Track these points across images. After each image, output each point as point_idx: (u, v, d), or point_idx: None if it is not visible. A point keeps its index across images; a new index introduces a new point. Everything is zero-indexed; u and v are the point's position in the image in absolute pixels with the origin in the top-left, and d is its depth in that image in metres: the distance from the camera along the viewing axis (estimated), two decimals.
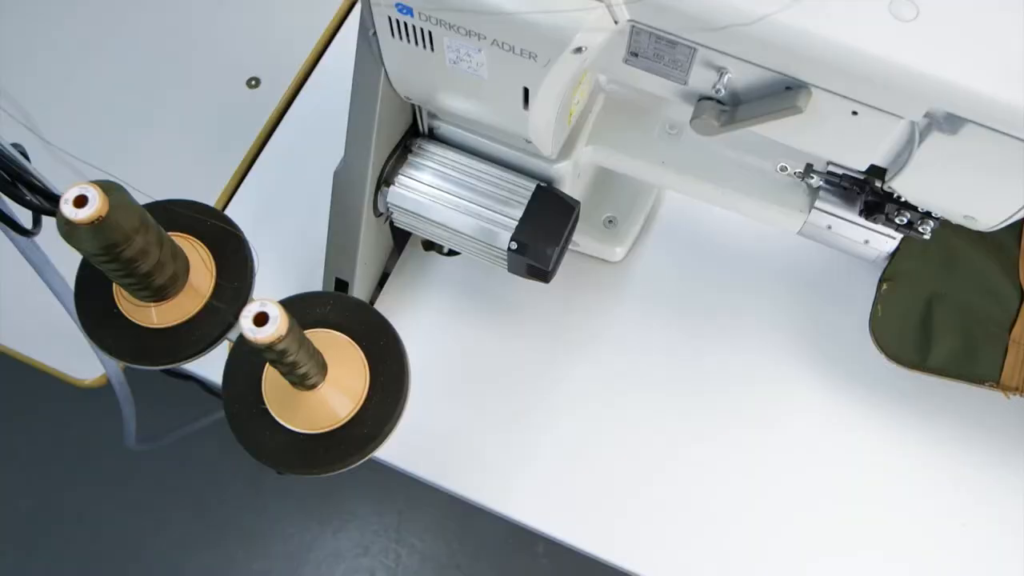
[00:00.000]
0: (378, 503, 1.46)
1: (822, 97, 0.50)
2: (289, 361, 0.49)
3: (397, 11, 0.54)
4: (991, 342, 0.71)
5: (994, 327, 0.71)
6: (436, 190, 0.71)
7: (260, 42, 0.94)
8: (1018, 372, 0.71)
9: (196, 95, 0.91)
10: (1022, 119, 0.46)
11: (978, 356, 0.71)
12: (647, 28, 0.51)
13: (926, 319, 0.73)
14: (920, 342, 0.73)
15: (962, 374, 0.72)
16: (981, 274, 0.72)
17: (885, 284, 0.74)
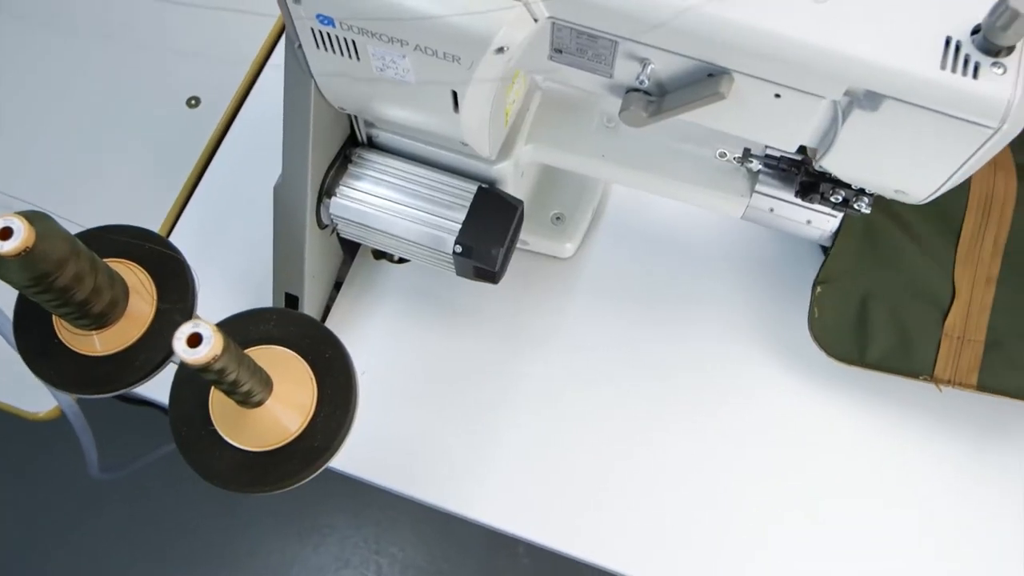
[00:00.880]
0: (355, 515, 1.45)
1: (744, 82, 0.51)
2: (229, 380, 0.49)
3: (319, 22, 0.54)
4: (925, 337, 0.73)
5: (928, 323, 0.73)
6: (378, 199, 0.71)
7: (198, 60, 0.94)
8: (951, 365, 0.72)
9: (135, 118, 0.91)
10: (938, 92, 0.47)
11: (913, 351, 0.73)
12: (567, 24, 0.51)
13: (862, 317, 0.74)
14: (858, 339, 0.74)
15: (898, 368, 0.73)
16: (915, 273, 0.74)
17: (819, 287, 0.75)
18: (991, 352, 0.71)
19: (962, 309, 0.73)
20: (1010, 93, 0.46)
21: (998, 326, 0.72)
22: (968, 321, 0.72)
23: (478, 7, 0.49)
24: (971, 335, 0.72)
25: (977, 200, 0.74)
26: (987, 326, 0.72)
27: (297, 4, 0.53)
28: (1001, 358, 0.71)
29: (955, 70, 0.46)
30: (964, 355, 0.72)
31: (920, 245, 0.74)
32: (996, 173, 0.74)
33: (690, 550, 0.73)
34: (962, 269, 0.73)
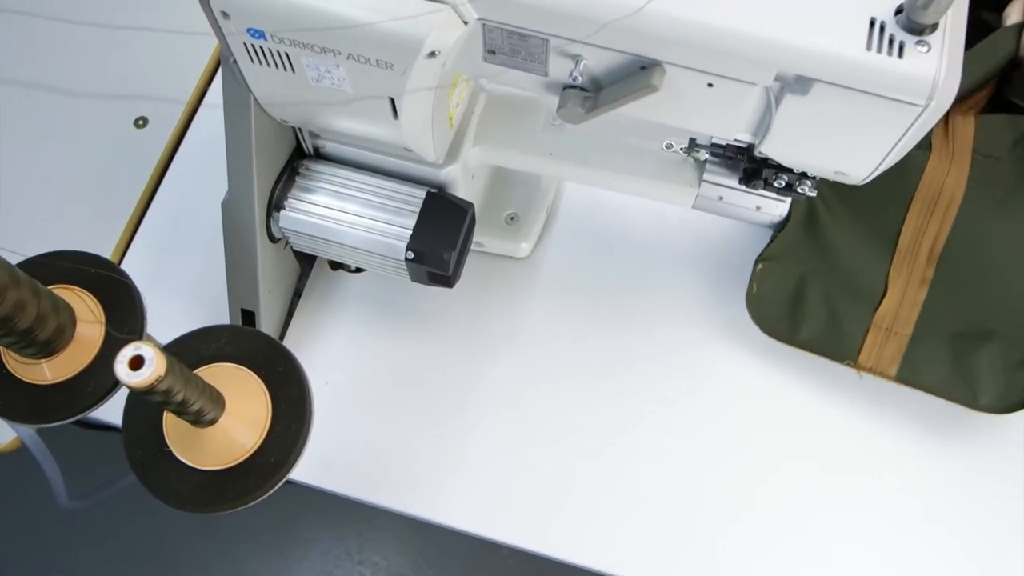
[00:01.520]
0: (337, 527, 1.45)
1: (676, 73, 0.51)
2: (177, 400, 0.48)
3: (250, 36, 0.54)
4: (855, 324, 0.74)
5: (859, 311, 0.74)
6: (328, 209, 0.70)
7: (144, 80, 0.93)
8: (875, 354, 0.73)
9: (81, 141, 0.90)
10: (865, 73, 0.47)
11: (842, 335, 0.74)
12: (497, 25, 0.51)
13: (798, 297, 0.75)
14: (791, 318, 0.75)
15: (825, 350, 0.75)
16: (851, 267, 0.75)
17: (761, 264, 0.76)
18: (914, 347, 0.73)
19: (893, 304, 0.74)
20: (935, 70, 0.47)
21: (925, 324, 0.73)
22: (898, 315, 0.74)
23: (406, 12, 0.49)
24: (898, 328, 0.74)
25: (923, 198, 0.75)
26: (914, 323, 0.74)
27: (227, 19, 0.53)
28: (923, 353, 0.73)
29: (880, 50, 0.47)
30: (889, 346, 0.73)
31: (858, 245, 0.75)
32: (949, 171, 0.75)
33: (663, 540, 0.73)
34: (898, 267, 0.75)
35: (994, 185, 0.75)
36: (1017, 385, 0.71)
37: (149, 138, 0.89)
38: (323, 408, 0.78)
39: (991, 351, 0.72)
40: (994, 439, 0.75)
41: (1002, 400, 0.71)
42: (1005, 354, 0.72)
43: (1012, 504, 0.73)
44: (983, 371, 0.72)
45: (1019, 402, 0.71)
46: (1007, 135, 0.77)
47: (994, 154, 0.76)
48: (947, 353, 0.73)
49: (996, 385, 0.71)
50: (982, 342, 0.72)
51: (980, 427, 0.76)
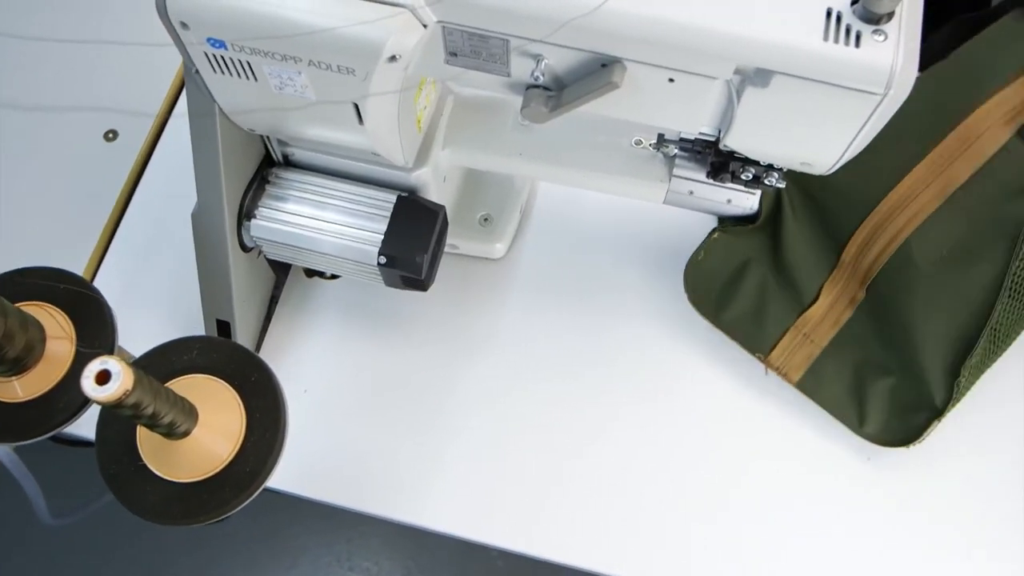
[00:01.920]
0: (326, 534, 1.44)
1: (637, 69, 0.51)
2: (148, 413, 0.48)
3: (210, 46, 0.54)
4: (778, 321, 0.75)
5: (786, 311, 0.75)
6: (299, 217, 0.70)
7: (112, 93, 0.92)
8: (785, 356, 0.75)
9: (50, 156, 0.89)
10: (823, 63, 0.48)
11: (762, 328, 0.75)
12: (457, 27, 0.51)
13: (737, 277, 0.76)
14: (721, 296, 0.76)
15: (741, 338, 0.76)
16: (793, 264, 0.76)
17: (716, 233, 0.77)
18: (822, 360, 0.74)
19: (819, 313, 0.75)
20: (892, 59, 0.47)
21: (839, 343, 0.75)
22: (819, 325, 0.75)
23: (364, 17, 0.49)
24: (814, 338, 0.75)
25: (880, 215, 0.74)
26: (831, 338, 0.75)
27: (187, 30, 0.53)
28: (826, 370, 0.74)
29: (838, 40, 0.47)
30: (800, 352, 0.75)
31: (806, 249, 0.76)
32: (919, 197, 0.74)
33: (649, 536, 0.73)
34: (834, 282, 0.75)
35: (948, 234, 0.73)
36: (900, 426, 0.72)
37: (119, 151, 0.89)
38: (303, 416, 0.78)
39: (886, 387, 0.73)
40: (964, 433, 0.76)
41: (881, 435, 0.73)
42: (896, 394, 0.73)
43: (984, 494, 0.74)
44: (873, 403, 0.73)
45: (897, 441, 0.72)
46: (998, 198, 0.73)
47: (971, 208, 0.73)
48: (848, 376, 0.74)
49: (881, 418, 0.73)
50: (881, 376, 0.73)
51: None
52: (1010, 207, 0.73)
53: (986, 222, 0.73)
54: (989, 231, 0.73)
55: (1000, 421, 0.76)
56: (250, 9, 0.50)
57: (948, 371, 0.72)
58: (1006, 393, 0.77)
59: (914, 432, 0.72)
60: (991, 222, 0.73)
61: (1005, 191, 0.73)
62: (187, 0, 0.51)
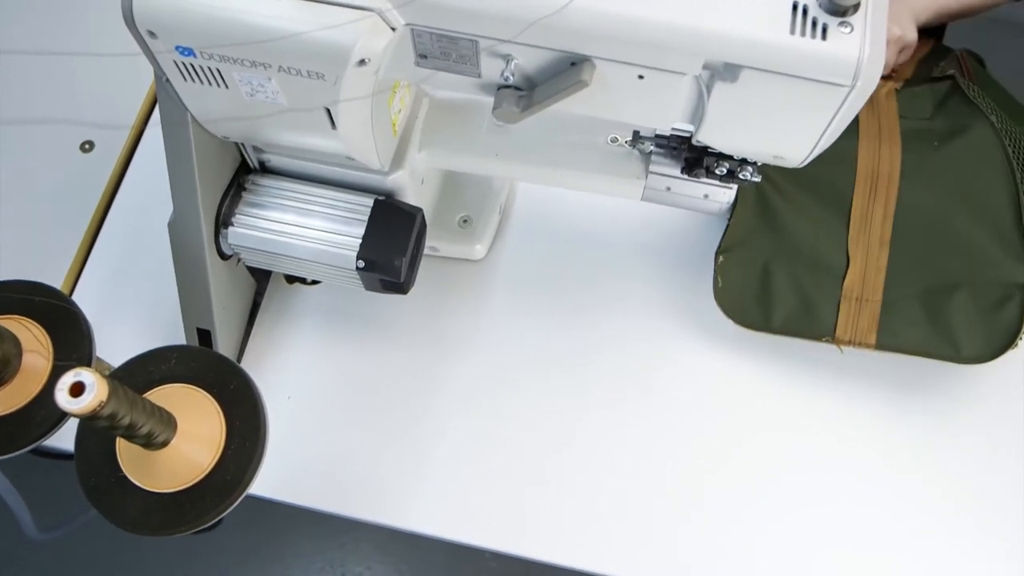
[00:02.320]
0: (318, 540, 1.44)
1: (606, 67, 0.51)
2: (124, 424, 0.48)
3: (180, 54, 0.54)
4: (825, 300, 0.74)
5: (827, 287, 0.74)
6: (277, 223, 0.70)
7: (88, 104, 0.92)
8: (851, 326, 0.73)
9: (27, 169, 0.89)
10: (790, 57, 0.48)
11: (815, 314, 0.74)
12: (425, 29, 0.51)
13: (764, 284, 0.75)
14: (762, 306, 0.75)
15: (802, 332, 0.75)
16: (809, 245, 0.75)
17: (721, 257, 0.76)
18: (888, 311, 0.73)
19: (859, 272, 0.74)
20: (859, 51, 0.47)
21: (893, 286, 0.73)
22: (865, 283, 0.74)
23: (331, 21, 0.49)
24: (868, 295, 0.73)
25: (864, 177, 0.76)
26: (883, 286, 0.73)
27: (155, 39, 0.53)
28: (897, 317, 0.73)
29: (804, 34, 0.47)
30: (863, 315, 0.73)
31: (813, 223, 0.76)
32: (881, 147, 0.76)
33: (635, 532, 0.73)
34: (856, 237, 0.75)
35: (927, 141, 0.76)
36: (997, 328, 0.71)
37: (96, 162, 0.88)
38: (287, 422, 0.78)
39: (962, 301, 0.72)
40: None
41: (987, 347, 0.71)
42: (976, 300, 0.71)
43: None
44: (959, 323, 0.71)
45: (1003, 345, 0.71)
46: (929, 99, 0.79)
47: (921, 116, 0.77)
48: (921, 312, 0.72)
49: (975, 333, 0.71)
50: (951, 294, 0.72)
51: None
52: (944, 99, 0.78)
53: (940, 117, 0.76)
54: (950, 117, 0.76)
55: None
56: (217, 16, 0.50)
57: (1011, 247, 0.71)
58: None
59: (1015, 325, 0.70)
60: (943, 113, 0.76)
61: (932, 98, 0.78)
62: (154, 9, 0.51)
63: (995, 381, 0.77)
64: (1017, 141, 0.74)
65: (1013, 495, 0.74)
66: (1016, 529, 0.72)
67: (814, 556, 0.72)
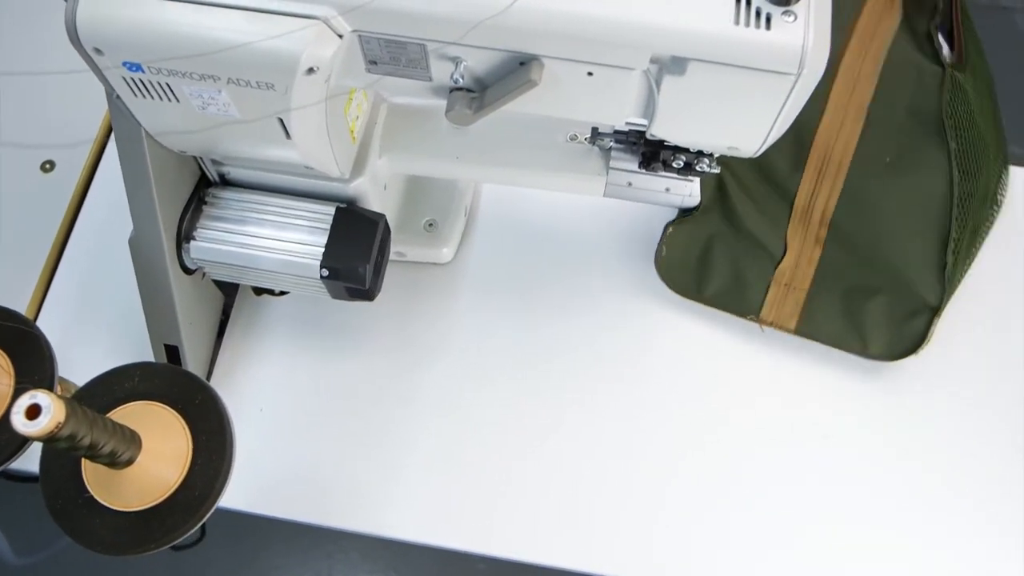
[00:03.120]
0: (304, 551, 1.43)
1: (555, 65, 0.51)
2: (85, 445, 0.48)
3: (127, 70, 0.53)
4: (757, 281, 0.78)
5: (761, 269, 0.79)
6: (239, 235, 0.70)
7: (47, 123, 0.91)
8: (775, 309, 0.78)
9: None
10: (735, 48, 0.48)
11: (745, 292, 0.78)
12: (372, 35, 0.51)
13: (705, 257, 0.79)
14: (697, 276, 0.79)
15: (729, 306, 0.79)
16: (753, 229, 0.79)
17: (671, 228, 0.80)
18: (811, 302, 0.77)
19: (792, 261, 0.78)
20: (803, 39, 0.47)
21: (820, 280, 0.78)
22: (796, 272, 0.78)
23: (276, 31, 0.49)
24: (797, 284, 0.78)
25: (815, 159, 0.78)
26: (812, 279, 0.78)
27: (101, 55, 0.52)
28: (818, 308, 0.77)
29: (748, 24, 0.48)
30: (788, 301, 0.77)
31: (759, 207, 0.79)
32: (840, 131, 0.78)
33: (619, 526, 0.74)
34: (795, 228, 0.79)
35: (883, 148, 0.79)
36: (903, 336, 0.76)
37: (58, 181, 0.88)
38: (260, 434, 0.78)
39: (879, 305, 0.76)
40: (901, 375, 0.78)
41: (888, 350, 0.76)
42: (891, 308, 0.76)
43: (923, 431, 0.76)
44: (872, 323, 0.76)
45: (905, 351, 0.76)
46: (908, 90, 0.80)
47: (893, 104, 0.80)
48: (840, 307, 0.77)
49: (884, 336, 0.76)
50: (870, 297, 0.77)
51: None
52: (920, 99, 0.79)
53: (909, 121, 0.79)
54: (916, 128, 0.79)
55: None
56: (162, 30, 0.50)
57: (933, 268, 0.76)
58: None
59: (919, 337, 0.75)
60: (912, 119, 0.79)
61: (911, 88, 0.80)
62: (98, 25, 0.51)
63: (939, 344, 0.78)
64: (967, 167, 0.79)
65: (974, 447, 0.76)
66: (984, 491, 0.74)
67: (797, 531, 0.73)
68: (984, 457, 0.75)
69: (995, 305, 0.80)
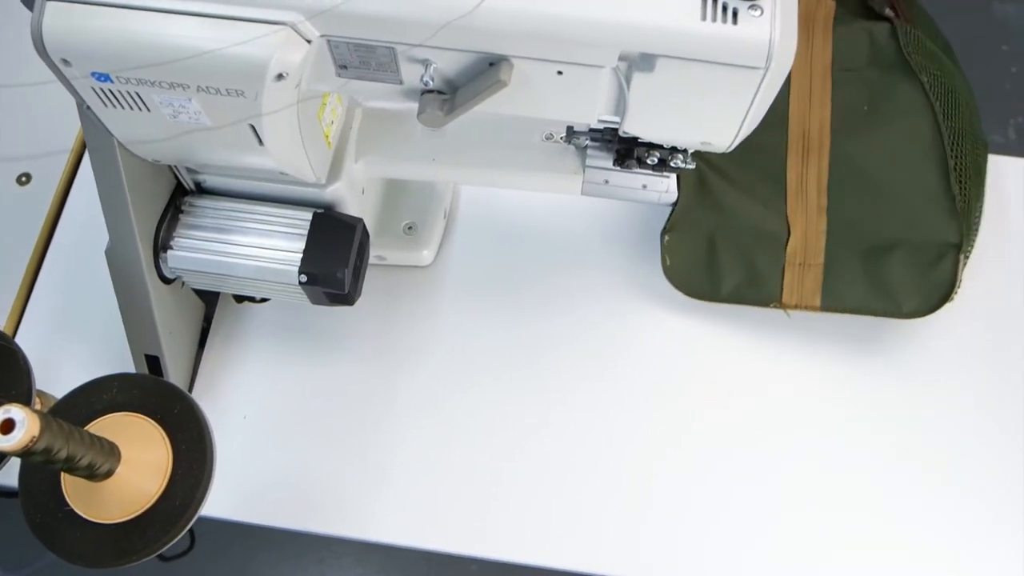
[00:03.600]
0: (297, 558, 1.43)
1: (525, 65, 0.51)
2: (61, 458, 0.48)
3: (96, 80, 0.53)
4: (770, 267, 0.76)
5: (771, 254, 0.77)
6: (217, 244, 0.69)
7: (22, 136, 0.91)
8: (796, 290, 0.76)
9: None
10: (703, 43, 0.48)
11: (761, 282, 0.76)
12: (341, 39, 0.51)
13: (712, 257, 0.77)
14: (710, 278, 0.77)
15: (750, 299, 0.77)
16: (749, 217, 0.78)
17: (667, 236, 0.78)
18: (830, 274, 0.75)
19: (800, 239, 0.76)
20: (769, 33, 0.47)
21: (833, 250, 0.76)
22: (807, 248, 0.76)
23: (243, 37, 0.49)
24: (811, 260, 0.76)
25: (796, 139, 0.77)
26: (824, 250, 0.76)
27: (69, 66, 0.52)
28: (839, 278, 0.75)
29: (715, 19, 0.48)
30: (807, 279, 0.76)
31: (752, 197, 0.78)
32: (812, 106, 0.77)
33: (608, 523, 0.74)
34: (794, 206, 0.77)
35: (858, 100, 0.77)
36: (933, 284, 0.74)
37: (34, 193, 0.87)
38: (245, 442, 0.78)
39: (899, 259, 0.74)
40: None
41: (925, 302, 0.74)
42: (912, 259, 0.74)
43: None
44: (897, 280, 0.74)
45: (939, 299, 0.73)
46: (865, 44, 0.80)
47: (854, 66, 0.79)
48: (861, 272, 0.75)
49: (913, 289, 0.74)
50: (889, 253, 0.74)
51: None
52: (877, 51, 0.79)
53: (873, 71, 0.78)
54: (883, 75, 0.77)
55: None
56: (129, 39, 0.50)
57: (942, 204, 0.74)
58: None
59: (949, 281, 0.73)
60: (876, 68, 0.78)
61: (865, 47, 0.79)
62: (64, 36, 0.50)
63: (932, 332, 0.79)
64: (945, 99, 0.77)
65: (966, 437, 0.76)
66: (969, 470, 0.74)
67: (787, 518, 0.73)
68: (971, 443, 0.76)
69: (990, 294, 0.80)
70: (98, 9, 0.50)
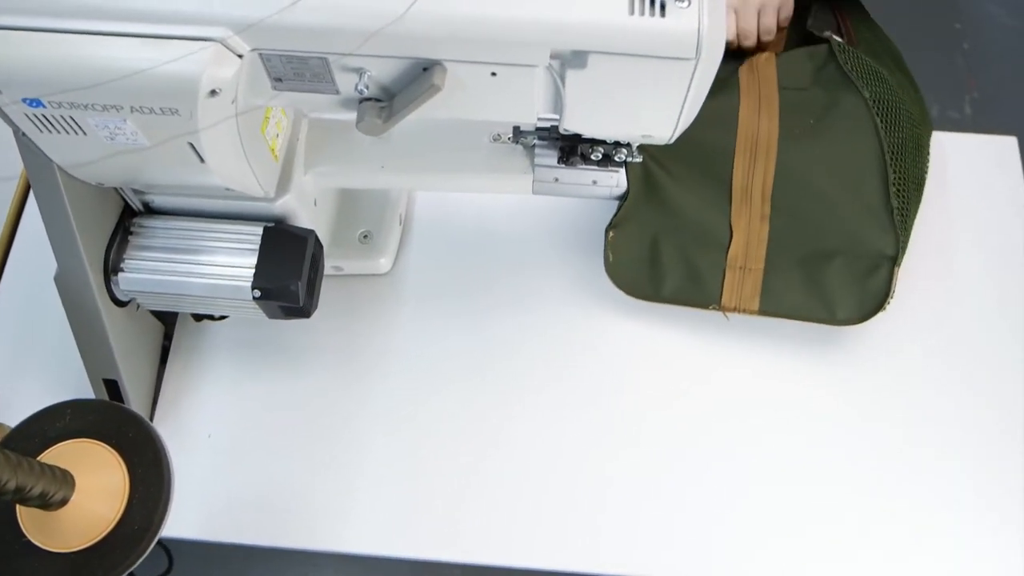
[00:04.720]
0: (279, 572, 1.42)
1: (457, 69, 0.51)
2: (10, 489, 0.47)
3: (27, 106, 0.53)
4: (711, 270, 0.77)
5: (713, 257, 0.77)
6: (168, 264, 0.69)
7: None
8: (736, 294, 0.77)
9: None
10: (632, 37, 0.48)
11: (702, 283, 0.77)
12: (272, 52, 0.51)
13: (654, 256, 0.78)
14: (652, 277, 0.78)
15: (690, 300, 0.77)
16: (694, 219, 0.78)
17: (611, 232, 0.78)
18: (769, 279, 0.76)
19: (742, 243, 0.77)
20: (697, 23, 0.48)
21: (774, 256, 0.77)
22: (748, 253, 0.77)
23: (171, 55, 0.49)
24: (751, 265, 0.77)
25: (744, 141, 0.77)
26: (765, 256, 0.77)
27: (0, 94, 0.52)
28: (778, 284, 0.76)
29: (643, 13, 0.48)
30: (747, 283, 0.76)
31: (697, 197, 0.78)
32: (760, 115, 0.78)
33: (575, 520, 0.74)
34: (738, 210, 0.78)
35: (804, 115, 0.79)
36: (867, 293, 0.75)
37: None
38: (210, 460, 0.77)
39: (837, 268, 0.76)
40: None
41: (858, 310, 0.75)
42: (849, 268, 0.76)
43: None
44: (834, 287, 0.75)
45: (872, 308, 0.75)
46: (808, 66, 0.81)
47: (799, 86, 0.80)
48: (799, 278, 0.76)
49: (849, 297, 0.75)
50: (828, 261, 0.76)
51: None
52: (820, 71, 0.81)
53: (818, 89, 0.80)
54: (827, 92, 0.79)
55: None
56: (56, 63, 0.50)
57: (881, 217, 0.76)
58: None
59: (883, 291, 0.75)
60: (819, 86, 0.80)
61: (808, 68, 0.81)
62: None
63: (857, 336, 0.80)
64: (887, 114, 0.78)
65: (907, 424, 0.77)
66: (900, 474, 0.75)
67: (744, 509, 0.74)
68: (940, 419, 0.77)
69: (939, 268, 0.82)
70: (23, 35, 0.49)
